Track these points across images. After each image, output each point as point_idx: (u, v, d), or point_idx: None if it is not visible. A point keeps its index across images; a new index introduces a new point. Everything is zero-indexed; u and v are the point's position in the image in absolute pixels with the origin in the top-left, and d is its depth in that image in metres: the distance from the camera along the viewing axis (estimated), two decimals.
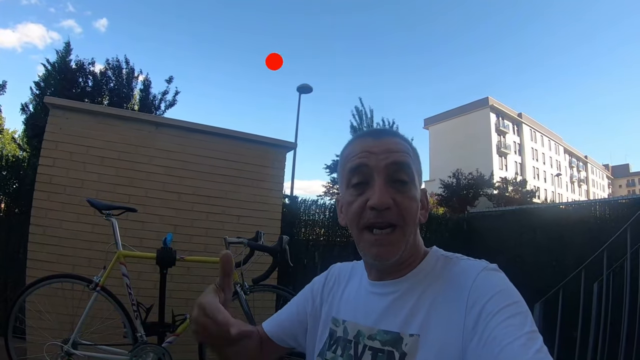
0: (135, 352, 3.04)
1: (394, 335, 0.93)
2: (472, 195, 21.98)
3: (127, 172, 4.00)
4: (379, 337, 0.96)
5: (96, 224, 3.73)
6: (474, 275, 0.90)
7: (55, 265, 3.60)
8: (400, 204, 0.94)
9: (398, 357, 0.90)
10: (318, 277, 1.28)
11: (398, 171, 0.96)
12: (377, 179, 0.96)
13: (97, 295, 3.09)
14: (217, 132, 4.37)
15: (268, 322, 1.27)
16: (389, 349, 0.93)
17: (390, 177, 0.96)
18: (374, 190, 0.95)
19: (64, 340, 3.05)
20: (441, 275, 0.97)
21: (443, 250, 1.06)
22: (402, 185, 0.96)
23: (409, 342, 0.90)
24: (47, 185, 3.80)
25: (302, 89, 16.18)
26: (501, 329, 0.78)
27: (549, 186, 60.62)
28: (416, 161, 1.03)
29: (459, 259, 1.00)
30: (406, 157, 0.98)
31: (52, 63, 10.88)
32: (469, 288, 0.88)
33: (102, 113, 4.14)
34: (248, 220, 4.29)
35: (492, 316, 0.80)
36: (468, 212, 8.37)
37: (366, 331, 1.00)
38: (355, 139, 1.06)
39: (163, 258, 3.22)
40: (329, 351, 1.06)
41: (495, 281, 0.89)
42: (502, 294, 0.85)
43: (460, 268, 0.96)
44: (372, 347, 0.96)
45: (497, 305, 0.82)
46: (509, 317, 0.79)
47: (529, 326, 0.78)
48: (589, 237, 5.23)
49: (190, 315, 3.18)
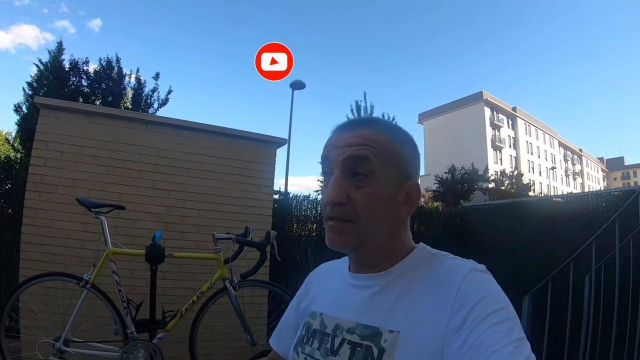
0: (126, 348, 3.05)
1: (374, 330, 0.91)
2: (467, 190, 22.03)
3: (118, 170, 4.00)
4: (357, 331, 0.94)
5: (88, 222, 3.73)
6: (461, 276, 0.87)
7: (48, 264, 3.60)
8: (355, 199, 0.92)
9: (377, 353, 0.88)
10: (300, 288, 1.27)
11: (355, 166, 0.93)
12: (334, 174, 0.95)
13: (88, 292, 3.11)
14: (206, 129, 4.38)
15: (272, 337, 1.27)
16: (367, 344, 0.90)
17: (350, 172, 0.94)
18: (329, 185, 0.95)
19: (56, 338, 3.06)
20: (426, 272, 0.94)
21: (430, 247, 1.03)
22: (359, 181, 0.93)
23: (388, 338, 0.88)
24: (38, 185, 3.80)
25: (295, 85, 16.18)
26: (489, 335, 0.76)
27: (544, 180, 60.80)
28: (393, 153, 0.96)
29: (446, 257, 0.98)
30: (365, 151, 0.93)
31: (45, 63, 10.88)
32: (456, 289, 0.85)
33: (92, 112, 4.15)
34: (239, 217, 4.30)
35: (479, 321, 0.79)
36: (461, 206, 8.40)
37: (345, 324, 0.98)
38: (332, 131, 1.03)
39: (152, 255, 3.23)
40: (306, 344, 1.05)
41: (483, 284, 0.87)
42: (490, 297, 0.83)
43: (447, 267, 0.93)
44: (351, 341, 0.94)
45: (485, 309, 0.80)
46: (497, 322, 0.78)
47: (517, 333, 0.77)
48: (582, 229, 5.23)
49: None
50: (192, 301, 3.28)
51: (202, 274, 3.79)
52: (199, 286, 3.46)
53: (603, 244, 4.12)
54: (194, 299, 3.28)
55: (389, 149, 0.96)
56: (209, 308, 3.37)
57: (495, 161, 53.90)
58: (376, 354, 0.87)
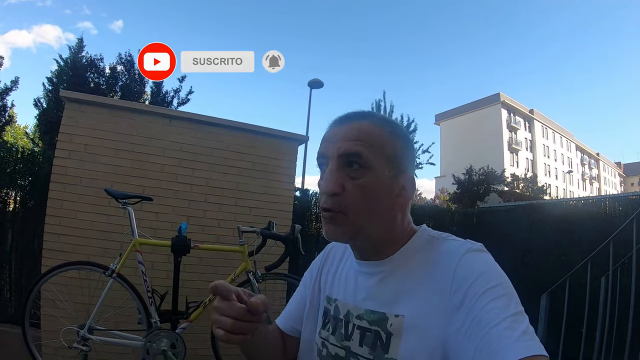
0: (149, 337, 3.10)
1: (380, 315, 0.97)
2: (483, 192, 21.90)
3: (141, 163, 4.05)
4: (366, 317, 1.00)
5: (111, 214, 3.79)
6: (458, 256, 0.91)
7: (71, 254, 3.64)
8: (349, 190, 0.95)
9: (385, 337, 0.94)
10: (315, 259, 1.30)
11: (349, 159, 0.96)
12: (329, 166, 0.97)
13: (113, 282, 3.17)
14: (229, 125, 4.41)
15: (279, 317, 1.30)
16: (375, 329, 0.97)
17: (345, 164, 0.96)
18: (325, 176, 0.97)
19: (80, 326, 3.12)
20: (426, 256, 0.98)
21: (432, 230, 1.07)
22: (354, 172, 0.95)
23: (394, 322, 0.93)
24: (62, 177, 3.86)
25: (313, 83, 16.25)
26: (485, 312, 0.79)
27: (560, 183, 60.13)
28: (386, 146, 0.98)
29: (445, 239, 1.01)
30: (359, 145, 0.95)
31: (65, 59, 10.96)
32: (454, 269, 0.89)
33: (116, 106, 4.22)
34: (260, 212, 4.34)
35: (475, 299, 0.82)
36: (478, 207, 8.38)
37: (354, 311, 1.04)
38: (329, 125, 1.06)
39: (178, 246, 3.28)
40: (324, 329, 1.11)
41: (479, 262, 0.90)
42: (485, 275, 0.86)
43: (445, 248, 0.97)
44: (360, 326, 1.00)
45: (480, 287, 0.83)
46: (493, 299, 0.81)
47: (514, 307, 0.79)
48: (598, 232, 5.19)
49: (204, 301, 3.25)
50: None
51: (223, 267, 3.84)
52: (219, 279, 3.50)
53: (619, 246, 4.11)
54: None
55: (383, 143, 0.98)
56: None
57: (512, 164, 53.35)
58: (384, 338, 0.94)
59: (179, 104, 11.73)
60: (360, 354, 0.98)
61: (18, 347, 3.28)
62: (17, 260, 4.77)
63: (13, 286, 4.77)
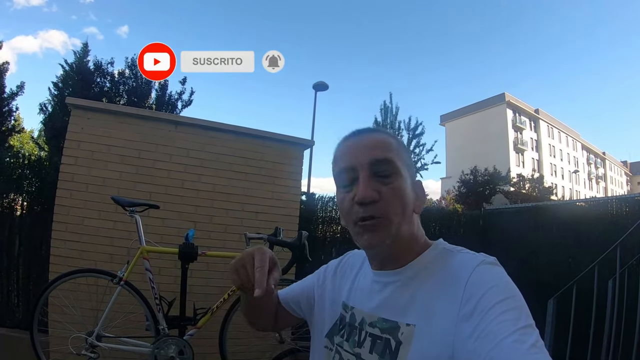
0: (157, 344, 3.11)
1: (392, 323, 0.98)
2: (489, 192, 21.88)
3: (148, 170, 4.07)
4: (378, 325, 1.01)
5: (118, 220, 3.81)
6: (470, 268, 0.92)
7: (78, 260, 3.67)
8: (385, 195, 0.98)
9: (394, 345, 0.95)
10: (333, 260, 1.35)
11: (380, 166, 1.00)
12: (362, 175, 1.00)
13: (121, 289, 3.18)
14: (234, 130, 4.42)
15: (282, 290, 1.41)
16: (386, 337, 0.98)
17: (374, 172, 1.00)
18: (359, 186, 1.00)
19: (88, 333, 3.14)
20: (440, 267, 1.00)
21: (447, 243, 1.09)
22: (385, 178, 1.00)
23: (405, 331, 0.94)
24: (69, 183, 3.88)
25: (317, 86, 16.28)
26: (495, 324, 0.79)
27: (566, 183, 59.94)
28: (402, 154, 1.06)
29: (459, 252, 1.03)
30: (386, 152, 1.02)
31: (70, 64, 11.02)
32: (466, 281, 0.90)
33: (122, 113, 4.22)
34: (266, 217, 4.34)
35: (486, 311, 0.82)
36: (484, 209, 8.36)
37: (368, 318, 1.05)
38: (341, 142, 1.11)
39: (185, 253, 3.29)
40: (338, 335, 1.13)
41: (491, 275, 0.91)
42: (497, 288, 0.86)
43: (458, 261, 0.99)
44: (372, 334, 1.02)
45: (491, 300, 0.83)
46: (503, 312, 0.81)
47: (524, 321, 0.79)
48: (605, 234, 5.18)
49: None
50: (223, 299, 3.32)
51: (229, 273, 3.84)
52: (226, 285, 3.52)
53: (626, 248, 4.10)
54: (225, 297, 3.33)
55: (400, 151, 1.06)
56: (239, 307, 3.41)
57: (518, 164, 53.28)
58: (394, 346, 0.95)
59: (183, 106, 11.80)
60: None
61: (26, 353, 3.30)
62: (24, 266, 4.80)
63: (21, 292, 4.79)
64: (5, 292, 4.77)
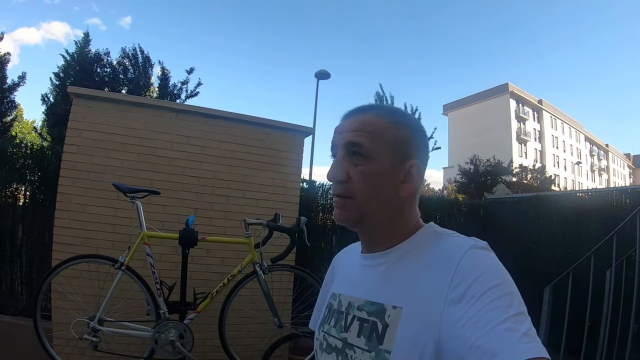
0: (158, 328, 3.16)
1: (379, 306, 0.97)
2: (490, 182, 21.82)
3: (149, 157, 4.09)
4: (365, 308, 1.01)
5: (119, 207, 3.84)
6: (461, 252, 0.90)
7: (80, 247, 3.70)
8: (353, 177, 1.01)
9: (381, 328, 0.93)
10: (327, 274, 1.36)
11: (353, 147, 1.02)
12: (337, 155, 1.05)
13: (122, 274, 3.22)
14: (235, 118, 4.44)
15: (311, 321, 1.36)
16: (373, 320, 0.97)
17: (349, 153, 1.03)
18: (332, 165, 1.05)
19: (90, 318, 3.19)
20: (429, 250, 0.98)
21: (438, 226, 1.07)
22: (357, 160, 1.01)
23: (392, 313, 0.93)
24: (71, 171, 3.91)
25: (320, 75, 16.24)
26: (486, 311, 0.78)
27: (569, 174, 59.75)
28: (387, 136, 1.03)
29: (449, 235, 1.01)
30: (361, 136, 1.01)
31: (72, 54, 11.02)
32: (455, 266, 0.88)
33: (123, 101, 4.25)
34: (266, 204, 4.37)
35: (477, 298, 0.81)
36: (485, 198, 8.34)
37: (356, 302, 1.05)
38: (340, 118, 1.12)
39: (185, 238, 3.33)
40: (326, 323, 1.13)
41: (482, 261, 0.89)
42: (488, 274, 0.85)
43: (449, 244, 0.97)
44: (360, 317, 1.01)
45: (482, 286, 0.82)
46: (494, 299, 0.79)
47: (515, 308, 0.78)
48: (605, 225, 5.17)
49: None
50: (223, 284, 3.36)
51: (230, 259, 3.90)
52: (226, 270, 3.56)
53: (625, 239, 4.11)
54: (224, 282, 3.37)
55: (385, 132, 1.03)
56: (238, 292, 3.46)
57: (520, 154, 53.04)
58: (380, 329, 0.94)
59: (187, 97, 11.78)
60: (356, 345, 0.99)
61: (30, 339, 3.34)
62: (27, 253, 4.82)
63: (24, 279, 4.83)
64: (8, 280, 4.80)
